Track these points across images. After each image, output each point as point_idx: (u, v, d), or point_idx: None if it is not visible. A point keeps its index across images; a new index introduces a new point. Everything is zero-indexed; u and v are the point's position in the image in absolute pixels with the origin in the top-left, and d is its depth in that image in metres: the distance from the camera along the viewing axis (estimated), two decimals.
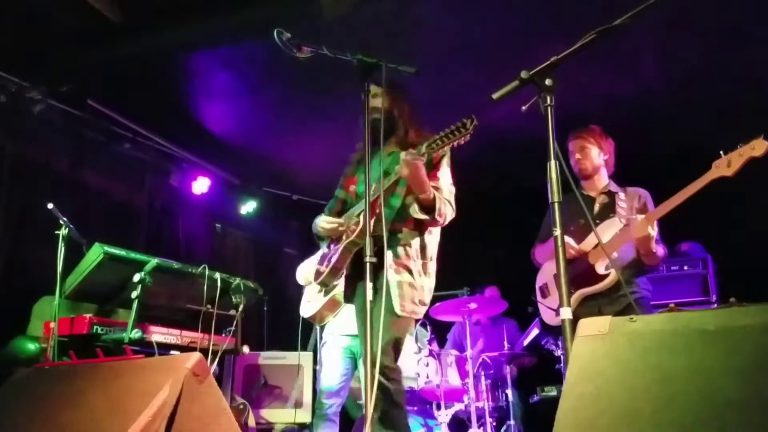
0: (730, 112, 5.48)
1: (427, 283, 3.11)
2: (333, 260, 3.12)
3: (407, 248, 3.04)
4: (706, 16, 4.53)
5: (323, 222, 3.23)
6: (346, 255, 3.09)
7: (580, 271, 3.46)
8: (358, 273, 3.07)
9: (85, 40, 4.91)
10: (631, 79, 5.37)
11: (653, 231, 3.23)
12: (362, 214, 2.92)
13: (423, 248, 3.11)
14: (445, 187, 3.10)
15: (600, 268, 3.43)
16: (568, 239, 3.46)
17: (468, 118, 2.69)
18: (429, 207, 2.98)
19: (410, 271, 3.01)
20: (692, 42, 4.82)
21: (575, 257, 3.48)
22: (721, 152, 3.06)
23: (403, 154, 2.86)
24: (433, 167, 3.05)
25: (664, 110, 5.74)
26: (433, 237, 3.19)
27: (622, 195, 3.66)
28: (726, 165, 3.02)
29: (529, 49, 3.43)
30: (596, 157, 3.72)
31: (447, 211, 3.05)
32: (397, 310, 2.92)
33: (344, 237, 3.10)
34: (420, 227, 3.10)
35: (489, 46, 4.91)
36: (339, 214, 3.32)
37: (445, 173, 3.15)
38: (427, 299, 3.13)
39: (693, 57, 5.02)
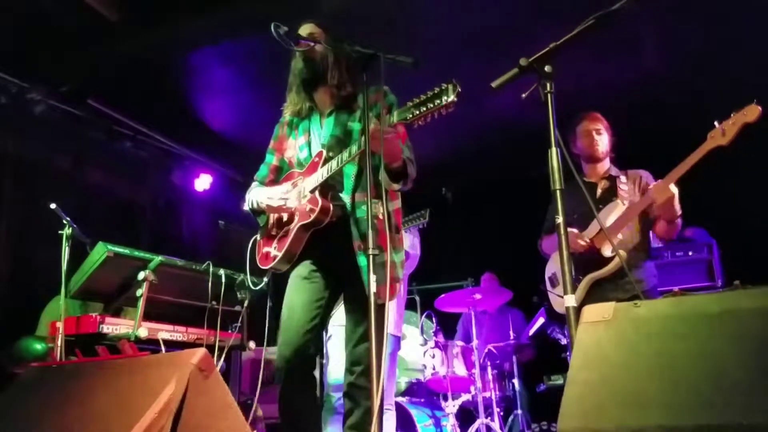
0: (730, 97, 5.46)
1: (399, 257, 2.78)
2: (286, 245, 2.74)
3: (374, 221, 2.52)
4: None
5: (266, 197, 2.83)
6: (301, 237, 2.73)
7: (588, 256, 3.45)
8: (310, 252, 2.78)
9: (84, 39, 4.92)
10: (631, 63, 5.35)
11: (675, 188, 3.19)
12: (317, 191, 2.69)
13: (389, 218, 2.65)
14: (405, 144, 2.72)
15: (606, 252, 3.42)
16: (574, 230, 3.45)
17: (449, 82, 2.33)
18: (400, 174, 2.66)
19: (380, 249, 2.49)
20: (691, 26, 4.81)
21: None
22: (715, 122, 3.05)
23: (371, 128, 2.46)
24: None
25: (664, 95, 5.72)
26: (394, 202, 2.79)
27: (623, 178, 3.66)
28: (720, 134, 3.02)
29: (528, 36, 3.42)
30: (607, 141, 3.72)
31: (413, 172, 2.71)
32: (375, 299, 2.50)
33: (296, 217, 2.75)
34: (379, 194, 2.63)
35: (488, 34, 4.90)
36: (273, 183, 3.00)
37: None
38: (401, 274, 2.82)
39: (692, 41, 5.00)
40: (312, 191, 2.72)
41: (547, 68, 2.17)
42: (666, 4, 4.38)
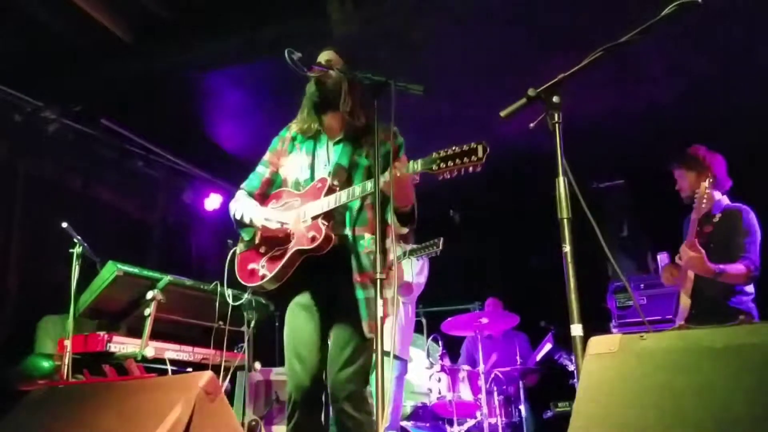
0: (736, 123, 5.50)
1: (389, 294, 2.69)
2: (279, 266, 2.69)
3: (371, 256, 2.64)
4: (713, 31, 4.54)
5: (263, 219, 2.74)
6: (294, 261, 2.69)
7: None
8: (303, 279, 2.75)
9: (98, 59, 4.99)
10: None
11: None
12: (319, 219, 2.65)
13: (384, 255, 2.57)
14: None
15: None
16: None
17: (479, 143, 2.39)
18: (408, 217, 2.69)
19: (375, 284, 2.49)
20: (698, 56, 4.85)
21: None
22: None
23: (387, 174, 2.50)
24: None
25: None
26: (390, 239, 2.73)
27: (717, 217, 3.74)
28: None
29: (536, 64, 3.45)
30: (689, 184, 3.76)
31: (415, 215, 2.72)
32: (366, 332, 2.61)
33: (292, 239, 2.69)
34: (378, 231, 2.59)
35: (496, 61, 4.94)
36: (262, 197, 2.93)
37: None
38: (391, 311, 2.72)
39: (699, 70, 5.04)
40: (314, 218, 2.68)
41: (555, 99, 2.19)
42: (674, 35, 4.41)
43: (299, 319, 2.75)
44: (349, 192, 2.66)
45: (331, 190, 2.71)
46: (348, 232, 2.71)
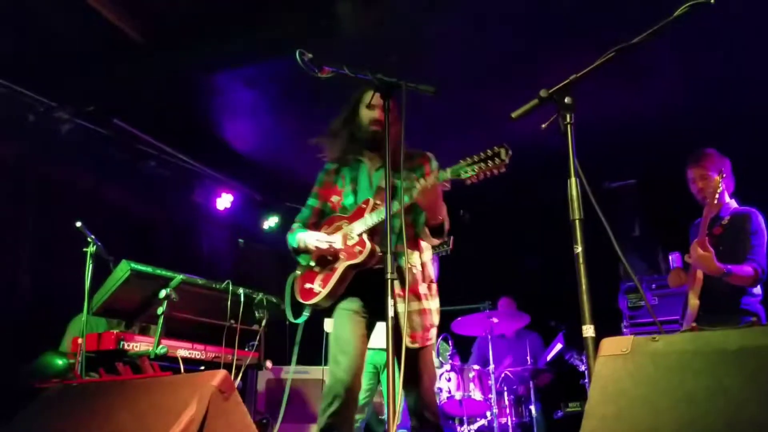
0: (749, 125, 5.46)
1: (434, 305, 3.00)
2: (332, 282, 2.93)
3: (413, 270, 2.91)
4: (726, 32, 4.52)
5: (316, 240, 3.00)
6: (346, 276, 2.93)
7: None
8: (355, 291, 2.98)
9: (111, 60, 5.02)
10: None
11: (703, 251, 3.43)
12: (365, 235, 2.88)
13: (424, 268, 2.98)
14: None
15: None
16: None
17: (502, 146, 2.56)
18: (439, 231, 2.88)
19: (418, 296, 2.90)
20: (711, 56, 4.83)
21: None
22: None
23: (424, 180, 2.71)
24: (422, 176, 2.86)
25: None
26: (429, 254, 3.08)
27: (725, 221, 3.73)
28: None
29: (547, 65, 3.44)
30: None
31: (448, 226, 2.94)
32: (408, 343, 2.76)
33: (342, 257, 2.94)
34: (418, 246, 3.00)
35: (506, 61, 4.94)
36: (315, 226, 3.16)
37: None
38: (437, 321, 3.01)
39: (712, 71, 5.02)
40: (359, 234, 2.91)
41: (567, 100, 2.19)
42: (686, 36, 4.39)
43: (345, 321, 2.96)
44: (389, 208, 2.77)
45: (374, 209, 2.93)
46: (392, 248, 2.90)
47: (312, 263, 3.07)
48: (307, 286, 3.03)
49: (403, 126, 2.85)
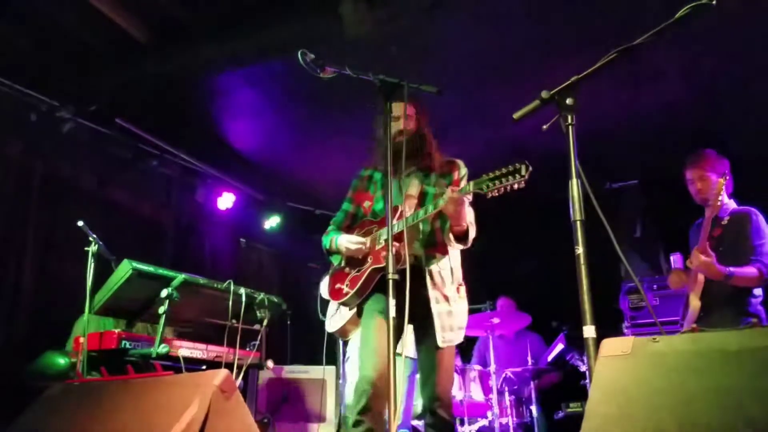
0: (752, 125, 5.46)
1: (463, 306, 3.16)
2: (359, 283, 3.10)
3: (441, 273, 3.07)
4: (728, 32, 4.52)
5: (347, 242, 3.19)
6: (372, 278, 3.08)
7: None
8: (379, 290, 3.10)
9: (114, 60, 5.03)
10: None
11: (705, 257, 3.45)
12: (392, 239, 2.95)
13: (452, 271, 3.14)
14: (468, 208, 3.13)
15: None
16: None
17: (522, 163, 2.69)
18: (462, 237, 3.04)
19: (447, 298, 3.06)
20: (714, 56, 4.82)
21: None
22: None
23: (448, 192, 2.87)
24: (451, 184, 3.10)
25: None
26: (457, 258, 3.22)
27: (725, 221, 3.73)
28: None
29: (551, 64, 3.43)
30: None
31: (473, 234, 3.10)
32: (440, 343, 2.98)
33: (369, 260, 3.10)
34: (446, 251, 3.14)
35: (511, 61, 4.94)
36: (348, 229, 3.34)
37: None
38: (464, 323, 3.16)
39: (715, 72, 5.01)
40: (386, 239, 2.96)
41: (568, 101, 2.19)
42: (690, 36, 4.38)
43: (372, 321, 3.09)
44: (414, 215, 3.00)
45: (401, 216, 3.05)
46: (420, 252, 3.08)
47: (342, 264, 3.25)
48: (337, 286, 3.22)
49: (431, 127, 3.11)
